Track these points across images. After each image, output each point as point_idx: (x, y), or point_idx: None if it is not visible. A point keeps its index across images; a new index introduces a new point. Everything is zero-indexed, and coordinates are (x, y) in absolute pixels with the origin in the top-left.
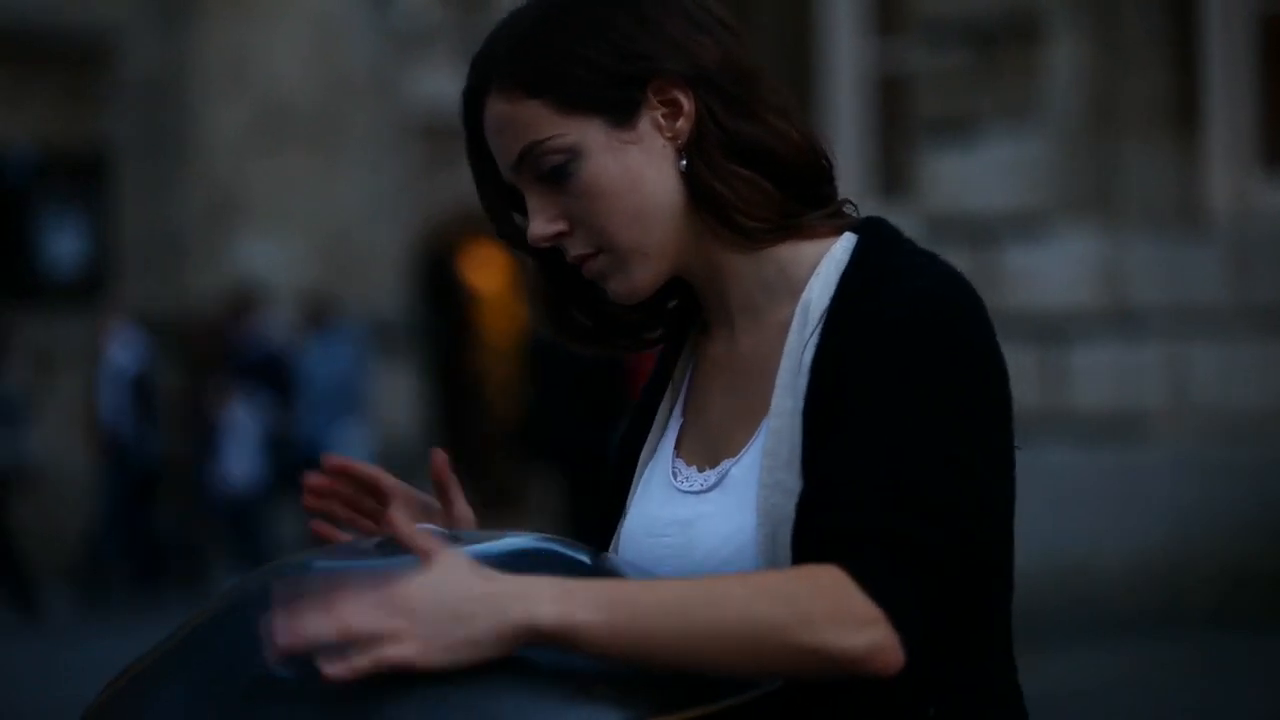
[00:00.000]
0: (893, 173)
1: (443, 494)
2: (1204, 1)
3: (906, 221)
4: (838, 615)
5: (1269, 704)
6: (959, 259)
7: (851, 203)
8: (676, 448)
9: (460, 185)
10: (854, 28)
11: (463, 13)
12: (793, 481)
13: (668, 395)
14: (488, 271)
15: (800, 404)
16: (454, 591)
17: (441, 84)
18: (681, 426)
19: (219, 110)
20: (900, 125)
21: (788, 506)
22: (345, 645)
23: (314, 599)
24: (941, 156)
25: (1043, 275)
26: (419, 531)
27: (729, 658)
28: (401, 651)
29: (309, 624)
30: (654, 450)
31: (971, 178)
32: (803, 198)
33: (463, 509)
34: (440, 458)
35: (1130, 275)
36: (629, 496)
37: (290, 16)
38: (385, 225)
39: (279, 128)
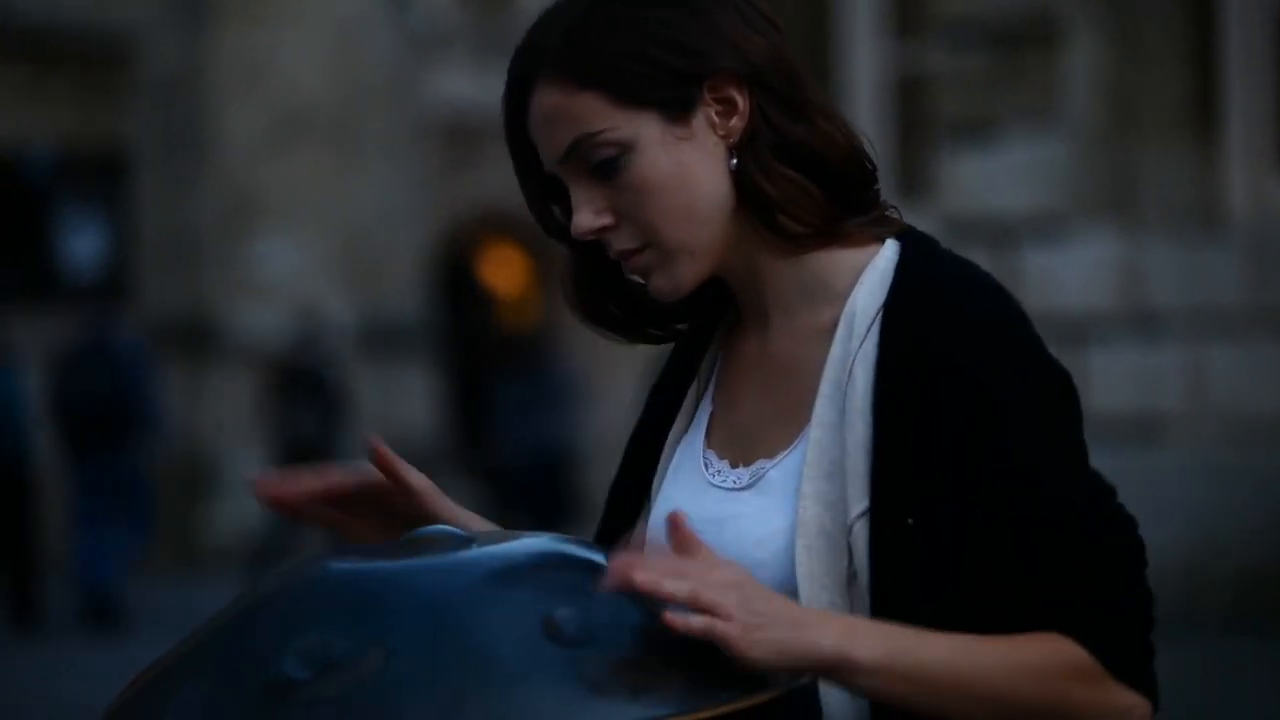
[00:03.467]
0: (912, 174)
1: (392, 476)
2: (1222, 4)
3: (926, 223)
4: (1097, 704)
5: None
6: (978, 261)
7: (895, 208)
8: (706, 438)
9: (478, 187)
10: (873, 30)
11: (481, 15)
12: (833, 493)
13: (696, 383)
14: (505, 273)
15: (841, 416)
16: (763, 594)
17: (460, 86)
18: (711, 417)
19: (237, 111)
20: (920, 127)
21: (825, 517)
22: (682, 605)
23: (667, 557)
24: (961, 158)
25: (1061, 277)
26: (696, 536)
27: (985, 717)
28: (727, 630)
29: (666, 580)
30: (681, 436)
31: (991, 180)
32: (846, 202)
33: (418, 480)
34: (376, 441)
35: (1149, 277)
36: (656, 480)
37: (309, 18)
38: (403, 227)
39: (297, 129)
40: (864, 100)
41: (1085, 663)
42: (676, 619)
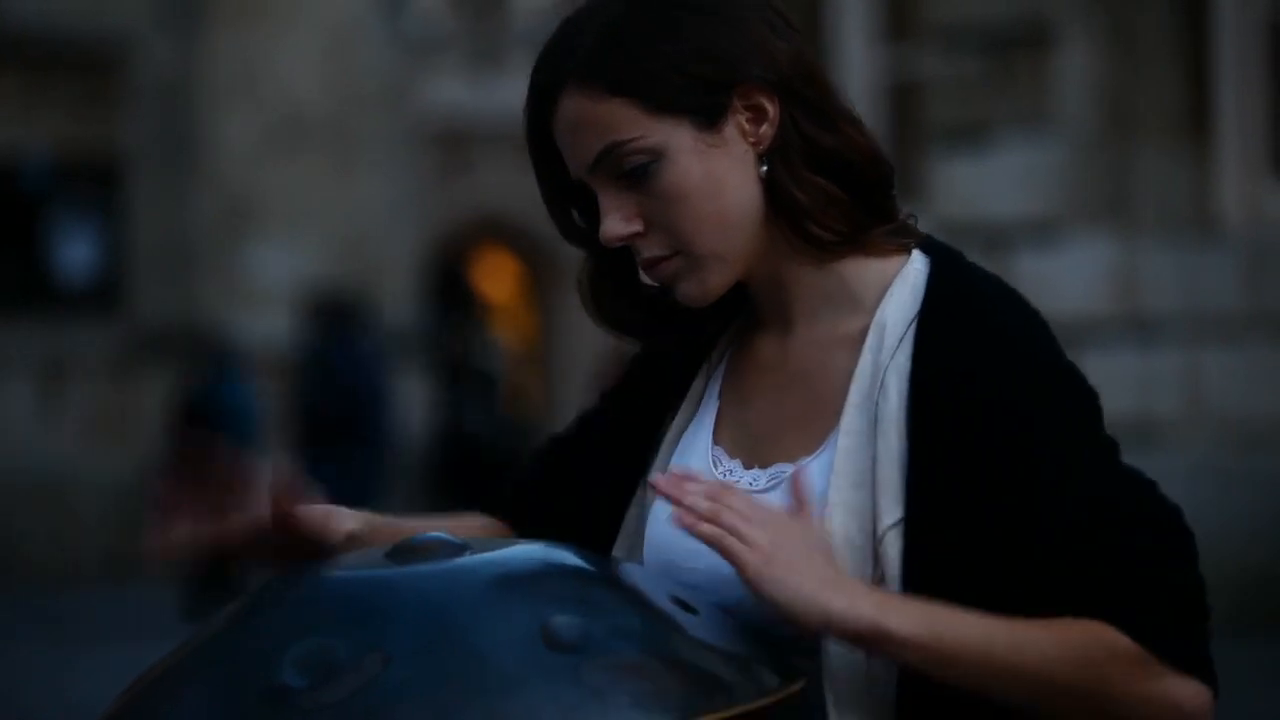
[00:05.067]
0: (906, 179)
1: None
2: (1216, 8)
3: (920, 228)
4: (1144, 692)
5: None
6: None
7: (913, 215)
8: (714, 435)
9: (472, 192)
10: (866, 34)
11: (474, 21)
12: (860, 502)
13: (699, 378)
14: (498, 278)
15: (872, 426)
16: (804, 548)
17: (453, 91)
18: (718, 415)
19: (232, 118)
20: (913, 132)
21: (851, 527)
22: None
23: (704, 484)
24: (955, 163)
25: (1056, 282)
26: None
27: (1024, 697)
28: (741, 552)
29: (695, 495)
30: (683, 431)
31: (985, 184)
32: (868, 207)
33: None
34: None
35: (1144, 281)
36: (654, 470)
37: (303, 24)
38: (397, 232)
39: (292, 135)
40: (857, 105)
41: (1127, 648)
42: (688, 518)
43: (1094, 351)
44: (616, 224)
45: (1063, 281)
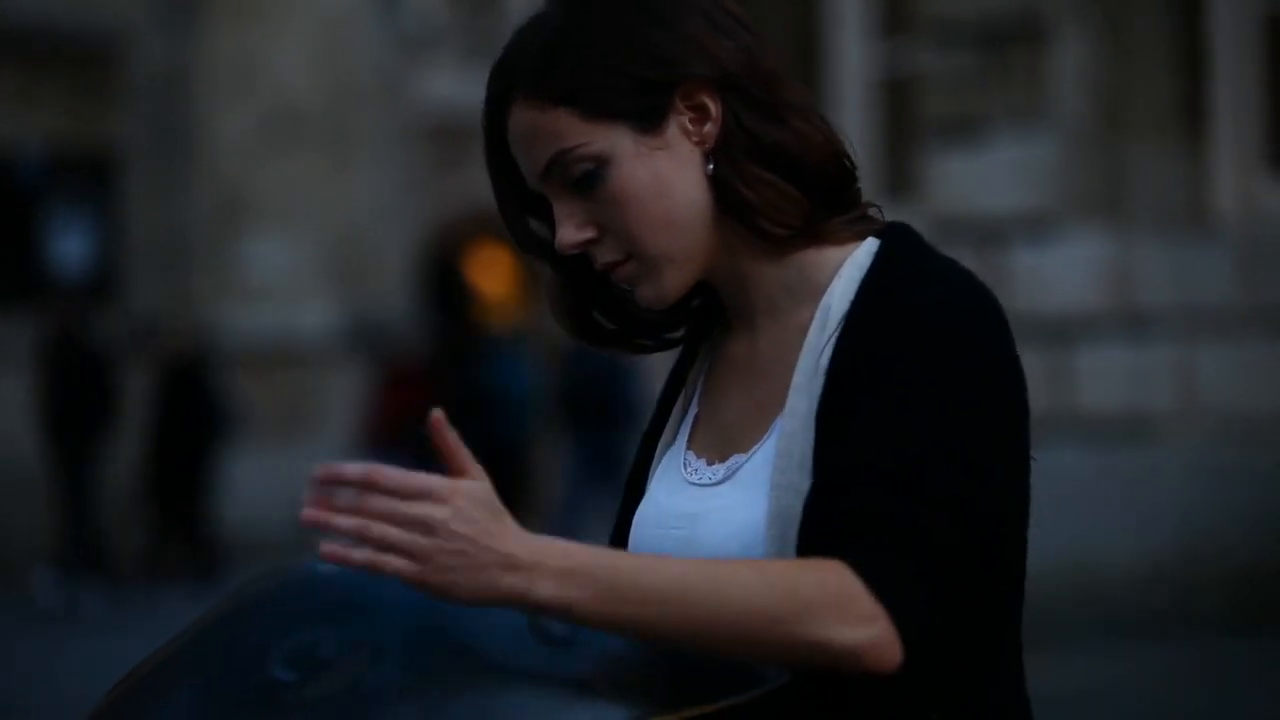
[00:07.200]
0: (900, 174)
1: (450, 459)
2: (1211, 4)
3: (913, 223)
4: (839, 609)
5: (1277, 707)
6: (966, 260)
7: (877, 206)
8: (689, 440)
9: (467, 187)
10: (861, 29)
11: (470, 15)
12: (804, 482)
13: (685, 389)
14: (493, 273)
15: (815, 405)
16: (476, 533)
17: (449, 86)
18: (696, 419)
19: (227, 112)
20: (907, 127)
21: (797, 507)
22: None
23: (349, 490)
24: (949, 158)
25: (1050, 277)
26: (460, 446)
27: (724, 644)
28: (402, 567)
29: (338, 517)
30: (670, 442)
31: (979, 179)
32: (827, 201)
33: (472, 468)
34: (438, 418)
35: (1138, 277)
36: (646, 485)
37: (298, 19)
38: (391, 227)
39: (287, 130)
40: (852, 100)
41: (840, 570)
42: (333, 550)
43: (1087, 346)
44: (569, 231)
45: (1057, 277)
